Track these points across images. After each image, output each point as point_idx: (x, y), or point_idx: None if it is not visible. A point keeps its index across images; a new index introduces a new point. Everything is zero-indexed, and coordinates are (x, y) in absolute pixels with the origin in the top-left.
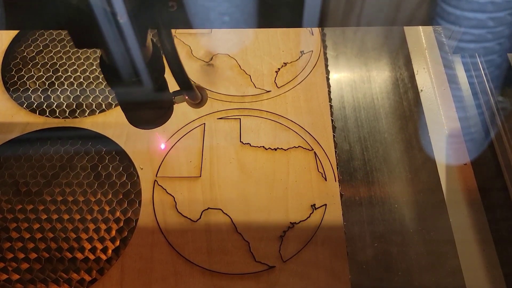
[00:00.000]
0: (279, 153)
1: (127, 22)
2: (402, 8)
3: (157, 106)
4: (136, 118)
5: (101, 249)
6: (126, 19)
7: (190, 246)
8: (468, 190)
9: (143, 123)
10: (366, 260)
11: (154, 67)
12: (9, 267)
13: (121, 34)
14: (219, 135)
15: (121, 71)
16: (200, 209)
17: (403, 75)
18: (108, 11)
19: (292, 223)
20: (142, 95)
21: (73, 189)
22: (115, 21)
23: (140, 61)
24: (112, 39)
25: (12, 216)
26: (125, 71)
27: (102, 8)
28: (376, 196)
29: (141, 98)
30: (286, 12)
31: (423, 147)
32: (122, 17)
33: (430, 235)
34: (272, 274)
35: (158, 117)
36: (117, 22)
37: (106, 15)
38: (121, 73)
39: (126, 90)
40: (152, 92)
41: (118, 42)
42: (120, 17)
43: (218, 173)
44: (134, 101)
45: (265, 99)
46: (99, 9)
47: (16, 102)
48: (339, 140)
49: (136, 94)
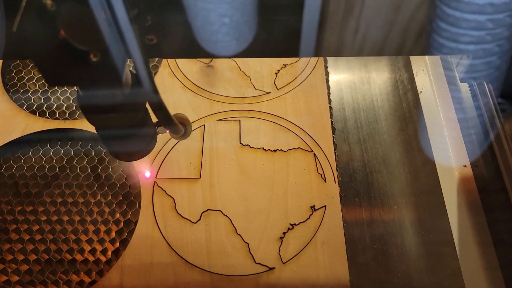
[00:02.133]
0: (279, 154)
1: (101, 60)
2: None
3: (139, 138)
4: (118, 151)
5: (100, 250)
6: (99, 58)
7: (190, 248)
8: (467, 191)
9: (126, 155)
10: (366, 261)
11: (134, 100)
12: (9, 268)
13: (97, 71)
14: (218, 137)
15: (99, 106)
16: (199, 211)
17: (402, 77)
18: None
19: (291, 224)
20: (122, 129)
21: (73, 191)
22: (88, 59)
23: (119, 95)
24: (87, 77)
25: (12, 218)
26: (103, 106)
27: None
28: (376, 198)
29: (121, 131)
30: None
31: (422, 148)
32: (96, 55)
33: (429, 236)
34: (272, 275)
35: (141, 149)
36: (91, 60)
37: (79, 54)
38: (99, 108)
39: (105, 124)
40: (133, 125)
41: (94, 79)
42: (93, 56)
43: (217, 174)
44: (114, 134)
45: (264, 101)
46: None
47: (16, 104)
48: (338, 142)
49: (115, 128)
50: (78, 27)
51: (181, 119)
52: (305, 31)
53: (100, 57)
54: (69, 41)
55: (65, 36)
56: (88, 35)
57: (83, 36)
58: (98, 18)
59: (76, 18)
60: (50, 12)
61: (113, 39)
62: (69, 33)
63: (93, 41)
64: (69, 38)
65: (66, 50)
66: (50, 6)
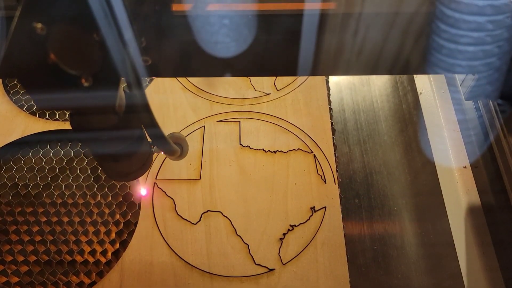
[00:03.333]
0: (279, 155)
1: (94, 85)
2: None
3: (134, 159)
4: (113, 171)
5: (100, 251)
6: (91, 83)
7: (190, 249)
8: (467, 192)
9: (121, 175)
10: (366, 262)
11: (129, 122)
12: (8, 269)
13: (89, 95)
14: (218, 138)
15: (92, 129)
16: (199, 212)
17: (402, 78)
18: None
19: (291, 225)
20: (117, 149)
21: (73, 192)
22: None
23: (112, 118)
24: (78, 102)
25: (12, 219)
26: (96, 129)
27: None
28: (376, 199)
29: (116, 153)
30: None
31: (422, 149)
32: (88, 80)
33: (429, 237)
34: (272, 276)
35: (137, 169)
36: (82, 85)
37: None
38: (92, 131)
39: (99, 146)
40: (128, 146)
41: (86, 103)
42: (85, 81)
43: (217, 175)
44: (109, 154)
45: (264, 102)
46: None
47: (16, 105)
48: (338, 143)
49: (109, 150)
50: (69, 51)
51: (177, 138)
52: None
53: (92, 82)
54: (60, 66)
55: (55, 61)
56: (79, 60)
57: (74, 60)
58: (90, 41)
59: (67, 42)
60: (40, 36)
61: (106, 62)
62: (59, 57)
63: (84, 65)
64: (60, 62)
65: (56, 75)
66: (40, 30)
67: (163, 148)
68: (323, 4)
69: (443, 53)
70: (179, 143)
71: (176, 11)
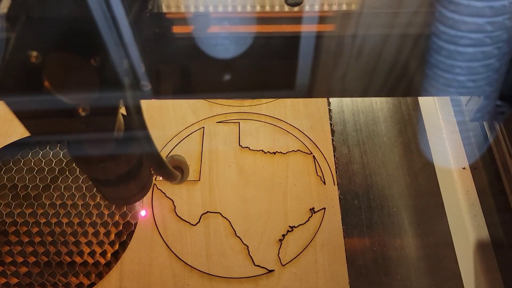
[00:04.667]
0: (278, 156)
1: (91, 114)
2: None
3: (133, 184)
4: (112, 196)
5: (100, 253)
6: (88, 112)
7: (189, 250)
8: (467, 194)
9: (121, 200)
10: (365, 264)
11: (127, 145)
12: (8, 270)
13: (86, 124)
14: (218, 139)
15: (90, 156)
16: (199, 213)
17: None
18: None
19: (291, 226)
20: (115, 175)
21: (72, 193)
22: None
23: (110, 145)
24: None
25: (11, 220)
26: (94, 156)
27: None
28: (375, 200)
29: (115, 178)
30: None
31: (421, 151)
32: (85, 110)
33: (429, 239)
34: (271, 277)
35: (136, 193)
36: (79, 115)
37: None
38: (90, 158)
39: (97, 172)
40: (127, 171)
41: (84, 132)
42: (82, 111)
43: (217, 176)
44: (108, 182)
45: (264, 103)
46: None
47: None
48: (338, 144)
49: (108, 174)
50: (65, 80)
51: (177, 161)
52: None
53: (90, 111)
54: (55, 95)
55: (51, 90)
56: (76, 88)
57: (70, 89)
58: (87, 68)
59: (63, 70)
60: (35, 64)
61: (104, 89)
62: (55, 86)
63: (81, 94)
64: (55, 92)
65: (52, 104)
66: (34, 59)
67: (161, 174)
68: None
69: (442, 54)
70: (179, 166)
71: (177, 33)
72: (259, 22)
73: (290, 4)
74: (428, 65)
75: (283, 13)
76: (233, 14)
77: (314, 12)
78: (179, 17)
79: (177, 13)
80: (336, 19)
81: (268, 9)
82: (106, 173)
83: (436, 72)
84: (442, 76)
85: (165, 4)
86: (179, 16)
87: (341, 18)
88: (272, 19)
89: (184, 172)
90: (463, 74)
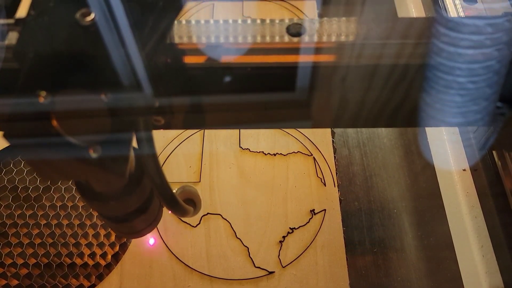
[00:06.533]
0: (279, 158)
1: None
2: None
3: (144, 217)
4: (123, 231)
5: (100, 254)
6: (100, 153)
7: (189, 251)
8: (467, 195)
9: (132, 233)
10: (366, 265)
11: (138, 182)
12: (8, 272)
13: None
14: (218, 140)
15: (100, 195)
16: (199, 214)
17: None
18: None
19: (291, 228)
20: (127, 210)
21: (73, 195)
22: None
23: (121, 182)
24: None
25: (12, 222)
26: (105, 195)
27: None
28: (375, 202)
29: (126, 214)
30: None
31: (422, 152)
32: (96, 150)
33: (429, 240)
34: (272, 279)
35: (147, 226)
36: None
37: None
38: (100, 196)
39: (108, 210)
40: (138, 207)
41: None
42: (93, 152)
43: (217, 178)
44: (119, 218)
45: None
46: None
47: None
48: (338, 145)
49: (118, 212)
50: (75, 120)
51: (189, 193)
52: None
53: (101, 152)
54: (65, 137)
55: (60, 131)
56: (86, 128)
57: (80, 129)
58: (98, 106)
59: (72, 109)
60: (43, 105)
61: (115, 129)
62: (64, 127)
63: (92, 134)
64: (65, 133)
65: (61, 146)
66: (43, 99)
67: (173, 211)
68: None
69: (442, 56)
70: (191, 198)
71: (189, 63)
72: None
73: (292, 34)
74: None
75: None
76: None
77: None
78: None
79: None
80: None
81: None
82: (116, 210)
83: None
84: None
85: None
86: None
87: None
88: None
89: (197, 206)
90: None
